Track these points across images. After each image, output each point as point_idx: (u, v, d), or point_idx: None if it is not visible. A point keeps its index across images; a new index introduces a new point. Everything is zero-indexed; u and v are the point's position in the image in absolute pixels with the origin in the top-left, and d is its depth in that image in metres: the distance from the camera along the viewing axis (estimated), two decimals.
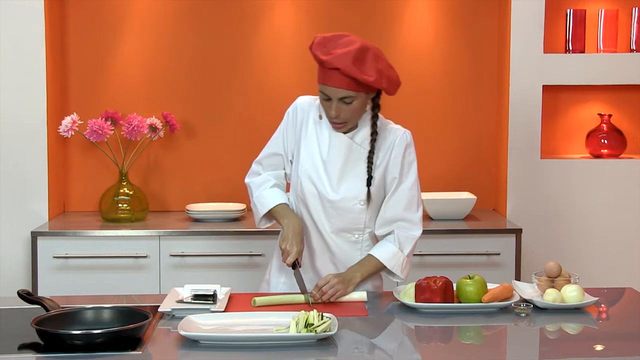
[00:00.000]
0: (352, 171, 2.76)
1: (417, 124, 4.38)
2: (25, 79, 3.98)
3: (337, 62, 2.58)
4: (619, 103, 4.38)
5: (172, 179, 4.35)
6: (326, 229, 2.81)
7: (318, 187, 2.77)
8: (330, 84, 2.62)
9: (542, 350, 2.36)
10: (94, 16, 4.26)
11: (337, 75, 2.60)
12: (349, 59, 2.57)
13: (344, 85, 2.61)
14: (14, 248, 3.99)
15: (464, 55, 4.37)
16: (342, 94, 2.62)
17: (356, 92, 2.63)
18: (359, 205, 2.77)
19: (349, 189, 2.76)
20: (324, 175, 2.77)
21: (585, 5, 4.30)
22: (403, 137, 2.79)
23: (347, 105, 2.65)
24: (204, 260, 3.85)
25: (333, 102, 2.65)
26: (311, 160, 2.78)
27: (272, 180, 2.89)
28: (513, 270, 3.90)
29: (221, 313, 2.51)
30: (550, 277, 2.70)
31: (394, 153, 2.77)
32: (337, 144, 2.76)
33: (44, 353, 2.21)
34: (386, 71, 2.66)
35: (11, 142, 4.00)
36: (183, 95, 4.31)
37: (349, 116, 2.68)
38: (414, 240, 2.81)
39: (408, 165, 2.79)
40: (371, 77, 2.60)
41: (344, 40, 2.64)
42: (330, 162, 2.76)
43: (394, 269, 2.78)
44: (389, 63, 2.70)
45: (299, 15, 4.30)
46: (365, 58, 2.61)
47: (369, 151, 2.74)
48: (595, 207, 4.19)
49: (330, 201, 2.77)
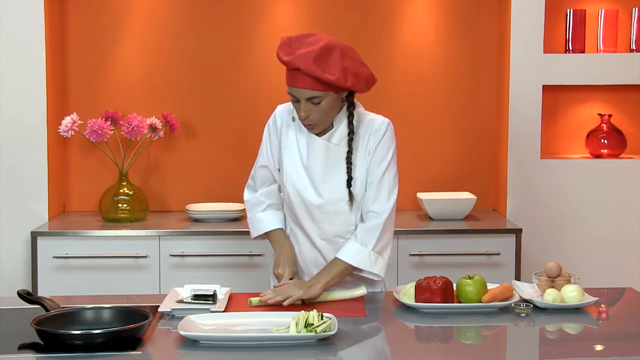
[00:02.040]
0: (334, 173, 2.73)
1: (417, 123, 4.39)
2: (25, 79, 3.98)
3: (298, 62, 2.55)
4: (619, 103, 4.38)
5: (172, 179, 4.35)
6: (317, 236, 2.79)
7: (302, 194, 2.76)
8: (295, 85, 2.59)
9: (542, 350, 2.36)
10: (94, 16, 4.26)
11: (300, 75, 2.57)
12: (310, 59, 2.54)
13: (308, 86, 2.57)
14: (14, 248, 3.99)
15: (464, 55, 4.37)
16: (308, 94, 2.59)
17: (323, 91, 2.59)
18: (347, 207, 2.75)
19: (333, 191, 2.73)
20: (306, 180, 2.75)
21: (585, 5, 4.30)
22: (379, 125, 2.74)
23: (316, 105, 2.62)
24: (204, 260, 3.85)
25: (301, 103, 2.62)
26: (293, 167, 2.77)
27: (265, 202, 2.88)
28: (513, 270, 3.90)
29: (221, 313, 2.51)
30: (550, 277, 2.70)
31: (371, 143, 2.73)
32: (315, 148, 2.74)
33: (44, 353, 2.21)
34: (354, 69, 2.61)
35: (11, 142, 4.00)
36: (183, 95, 4.31)
37: (319, 117, 2.65)
38: (377, 230, 2.71)
39: (383, 154, 2.73)
40: (333, 76, 2.55)
41: (310, 40, 2.60)
42: (311, 166, 2.74)
43: (361, 265, 2.71)
44: (361, 61, 2.66)
45: (299, 15, 4.30)
46: (328, 56, 2.57)
47: (347, 151, 2.71)
48: (595, 207, 4.19)
49: (316, 206, 2.75)
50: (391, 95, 4.35)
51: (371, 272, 2.75)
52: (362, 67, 2.65)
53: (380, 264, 2.75)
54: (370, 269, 2.73)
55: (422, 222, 4.08)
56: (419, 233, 3.91)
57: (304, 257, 2.83)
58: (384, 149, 2.74)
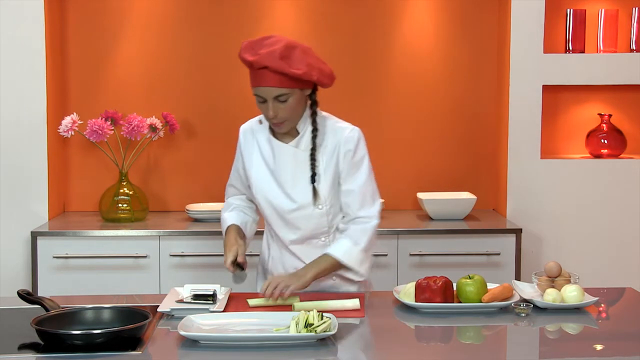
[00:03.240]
0: (302, 177, 2.77)
1: (417, 123, 4.39)
2: (25, 79, 3.98)
3: (264, 60, 2.59)
4: (619, 103, 4.38)
5: (172, 179, 4.35)
6: (292, 241, 2.84)
7: (273, 202, 2.80)
8: (262, 84, 2.63)
9: (542, 350, 2.36)
10: (94, 16, 4.26)
11: (267, 74, 2.61)
12: (275, 56, 2.58)
13: (275, 83, 2.61)
14: (14, 248, 3.99)
15: (464, 55, 4.37)
16: (275, 92, 2.63)
17: (289, 88, 2.63)
18: (318, 210, 2.78)
19: (304, 195, 2.77)
20: (275, 187, 2.79)
21: (585, 5, 4.30)
22: (351, 134, 2.77)
23: (283, 103, 2.65)
24: (204, 260, 3.85)
25: (269, 102, 2.65)
26: (261, 177, 2.82)
27: (233, 204, 3.00)
28: (513, 270, 3.90)
29: (221, 313, 2.51)
30: (550, 277, 2.70)
31: (342, 151, 2.75)
32: (281, 155, 2.78)
33: (44, 353, 2.21)
34: (317, 64, 2.67)
35: (11, 142, 4.00)
36: (183, 95, 4.31)
37: (287, 114, 2.68)
38: (369, 232, 2.77)
39: (359, 163, 2.78)
40: (300, 70, 2.60)
41: (270, 41, 2.65)
42: (279, 173, 2.78)
43: (350, 263, 2.75)
44: (320, 59, 2.72)
45: (299, 15, 4.30)
46: (292, 54, 2.62)
47: (312, 148, 2.74)
48: (595, 207, 4.19)
49: (288, 211, 2.79)
50: (391, 95, 4.35)
51: (357, 273, 2.78)
52: (323, 64, 2.71)
53: (366, 264, 2.80)
54: (357, 268, 2.77)
55: (422, 222, 4.08)
56: (419, 233, 3.91)
57: (283, 262, 2.89)
58: (359, 157, 2.78)
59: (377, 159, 4.28)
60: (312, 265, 2.75)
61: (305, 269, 2.73)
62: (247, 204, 3.00)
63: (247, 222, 2.95)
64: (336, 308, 2.59)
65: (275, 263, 2.93)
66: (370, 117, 4.32)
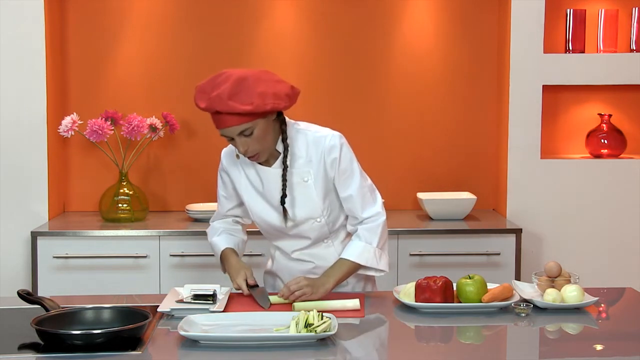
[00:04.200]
0: (294, 197, 2.76)
1: (417, 123, 4.38)
2: (25, 79, 3.98)
3: (214, 105, 2.55)
4: (619, 103, 4.38)
5: (172, 179, 4.35)
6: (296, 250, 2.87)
7: (271, 223, 2.81)
8: (221, 126, 2.60)
9: (542, 350, 2.36)
10: (94, 16, 4.26)
11: (221, 116, 2.57)
12: (224, 97, 2.53)
13: (233, 122, 2.57)
14: (14, 248, 3.99)
15: (464, 55, 4.37)
16: (237, 130, 2.59)
17: (249, 122, 2.58)
18: (317, 222, 2.79)
19: (300, 213, 2.77)
20: (270, 209, 2.79)
21: (585, 5, 4.30)
22: (332, 142, 2.73)
23: (249, 137, 2.61)
24: (204, 260, 3.84)
25: (236, 140, 2.63)
26: (253, 201, 2.81)
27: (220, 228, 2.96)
28: (513, 270, 3.90)
29: (221, 313, 2.51)
30: (550, 277, 2.70)
31: (328, 161, 2.73)
32: (267, 178, 2.77)
33: (44, 353, 2.21)
34: (271, 90, 2.59)
35: (11, 142, 4.00)
36: (183, 95, 4.31)
37: (258, 146, 2.65)
38: (379, 228, 2.77)
39: (348, 167, 2.76)
40: (250, 106, 2.54)
41: (219, 80, 2.57)
42: (271, 195, 2.78)
43: (369, 263, 2.76)
44: (277, 79, 2.64)
45: (299, 15, 4.30)
46: (241, 89, 2.55)
47: (283, 169, 2.72)
48: (595, 207, 4.19)
49: (287, 229, 2.81)
50: (391, 95, 4.35)
51: (377, 269, 2.79)
52: (279, 85, 2.63)
53: (384, 260, 2.81)
54: (377, 266, 2.78)
55: (422, 222, 4.08)
56: (419, 233, 3.91)
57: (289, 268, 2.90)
58: (347, 162, 2.75)
59: (377, 159, 4.32)
60: (331, 272, 2.75)
61: (325, 277, 2.73)
62: (232, 226, 2.98)
63: (238, 243, 2.95)
64: (336, 308, 2.59)
65: (281, 268, 2.94)
66: (370, 117, 4.32)
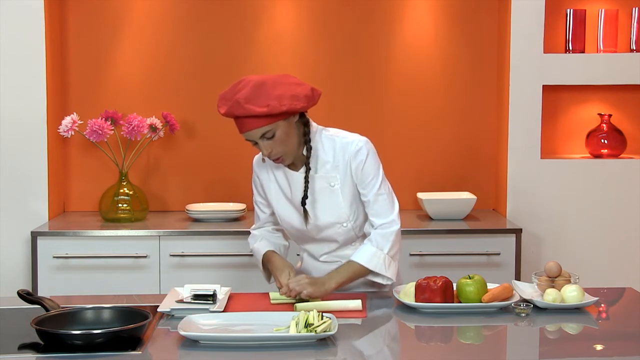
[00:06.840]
0: (320, 201, 2.78)
1: (417, 123, 4.38)
2: (25, 79, 3.98)
3: (233, 110, 2.60)
4: (619, 103, 4.38)
5: (172, 179, 4.35)
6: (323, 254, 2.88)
7: (298, 227, 2.83)
8: (243, 130, 2.64)
9: (542, 350, 2.36)
10: (94, 16, 4.26)
11: (242, 121, 2.62)
12: (241, 102, 2.57)
13: (253, 125, 2.61)
14: (14, 248, 3.99)
15: (464, 55, 4.37)
16: (258, 133, 2.63)
17: (270, 124, 2.62)
18: (343, 227, 2.80)
19: (326, 218, 2.79)
20: (298, 216, 2.81)
21: (585, 5, 4.30)
22: (357, 147, 2.75)
23: (272, 139, 2.64)
24: (204, 260, 3.85)
25: (259, 143, 2.66)
26: (282, 207, 2.84)
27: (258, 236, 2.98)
28: (513, 270, 3.90)
29: (221, 313, 2.51)
30: (550, 277, 2.70)
31: (354, 166, 2.75)
32: (295, 183, 2.79)
33: (44, 353, 2.21)
34: (289, 92, 2.61)
35: (11, 142, 4.00)
36: (183, 95, 4.31)
37: (282, 148, 2.67)
38: (392, 236, 2.77)
39: (370, 171, 2.76)
40: (266, 108, 2.57)
41: (239, 86, 2.63)
42: (296, 200, 2.79)
43: (377, 269, 2.75)
44: (297, 82, 2.67)
45: (299, 15, 4.30)
46: (259, 92, 2.59)
47: (306, 170, 2.74)
48: (595, 207, 4.19)
49: (315, 234, 2.82)
50: (391, 95, 4.35)
51: (384, 276, 2.78)
52: (298, 87, 2.66)
53: (393, 268, 2.79)
54: (385, 273, 2.76)
55: (422, 222, 4.08)
56: (419, 233, 3.91)
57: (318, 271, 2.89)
58: (372, 168, 2.77)
59: None
60: (335, 273, 2.76)
61: (328, 277, 2.74)
62: (272, 233, 3.00)
63: (280, 246, 2.97)
64: (338, 309, 2.59)
65: (309, 269, 2.94)
66: (370, 117, 4.32)
